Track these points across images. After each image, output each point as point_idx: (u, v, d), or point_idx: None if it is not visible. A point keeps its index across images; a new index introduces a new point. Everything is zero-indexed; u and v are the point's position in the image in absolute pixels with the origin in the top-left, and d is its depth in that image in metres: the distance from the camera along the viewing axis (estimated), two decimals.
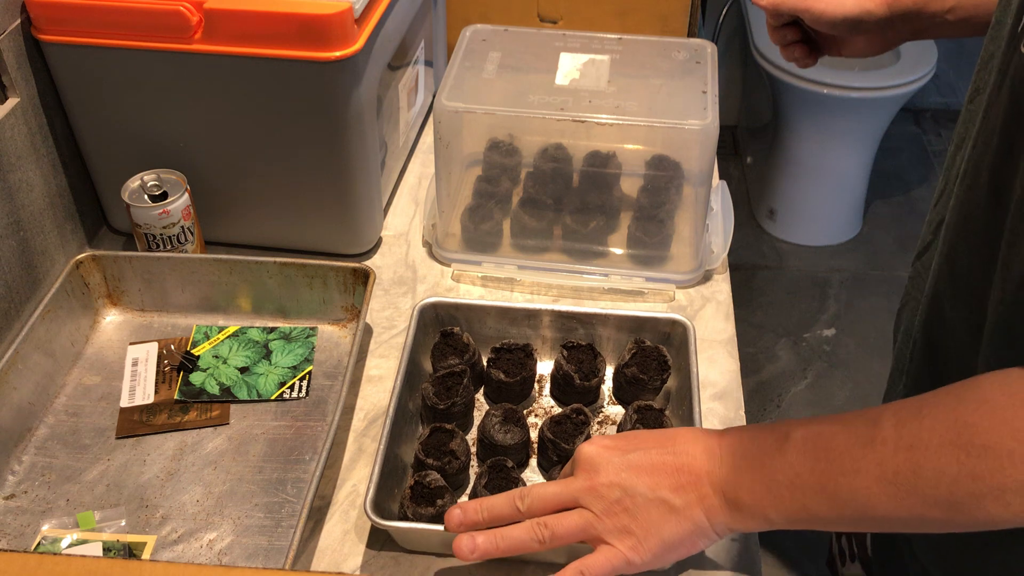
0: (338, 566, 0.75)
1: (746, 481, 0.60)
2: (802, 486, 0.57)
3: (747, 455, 0.60)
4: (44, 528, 0.77)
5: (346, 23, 0.86)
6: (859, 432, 0.56)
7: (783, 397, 2.11)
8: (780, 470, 0.58)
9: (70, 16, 0.88)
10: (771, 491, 0.59)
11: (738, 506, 0.60)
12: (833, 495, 0.56)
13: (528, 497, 0.66)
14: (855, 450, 0.55)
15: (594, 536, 0.64)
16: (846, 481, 0.55)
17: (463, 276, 1.02)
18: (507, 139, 1.05)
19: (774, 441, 0.59)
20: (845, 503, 0.56)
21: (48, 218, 0.96)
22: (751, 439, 0.61)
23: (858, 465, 0.55)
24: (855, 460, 0.55)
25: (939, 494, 0.52)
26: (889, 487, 0.54)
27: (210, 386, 0.89)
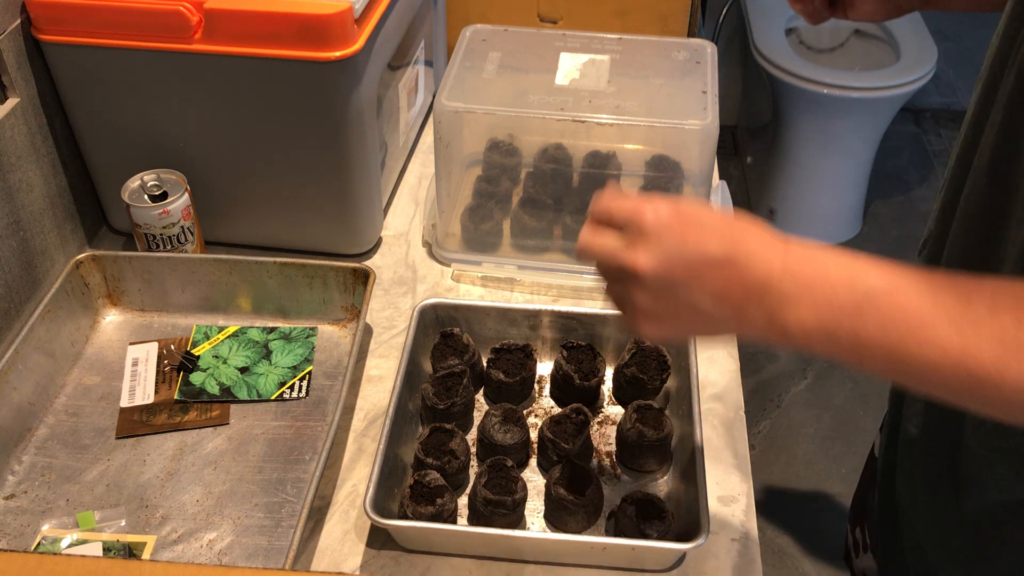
0: (338, 566, 0.75)
1: (805, 317, 0.54)
2: (868, 347, 0.53)
3: (815, 294, 0.54)
4: (44, 528, 0.77)
5: (346, 23, 0.86)
6: (946, 304, 0.51)
7: (783, 397, 2.11)
8: (847, 327, 0.53)
9: (70, 16, 0.88)
10: (830, 339, 0.54)
11: (783, 332, 0.55)
12: (900, 363, 0.52)
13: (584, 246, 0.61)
14: (938, 324, 0.51)
15: (619, 304, 0.61)
16: (921, 353, 0.51)
17: (463, 276, 1.02)
18: (507, 139, 1.05)
19: (851, 298, 0.53)
20: (910, 374, 0.53)
21: (48, 218, 0.96)
22: (824, 279, 0.54)
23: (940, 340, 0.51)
24: (939, 339, 0.51)
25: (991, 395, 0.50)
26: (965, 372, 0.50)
27: (210, 386, 0.89)
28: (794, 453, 1.99)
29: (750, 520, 0.78)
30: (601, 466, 0.82)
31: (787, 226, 2.51)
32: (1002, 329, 0.49)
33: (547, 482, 0.77)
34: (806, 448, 2.00)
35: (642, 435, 0.78)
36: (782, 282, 0.54)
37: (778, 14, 2.35)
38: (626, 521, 0.73)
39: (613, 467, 0.82)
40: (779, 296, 0.54)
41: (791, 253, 0.55)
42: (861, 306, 0.52)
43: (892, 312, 0.52)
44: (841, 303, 0.53)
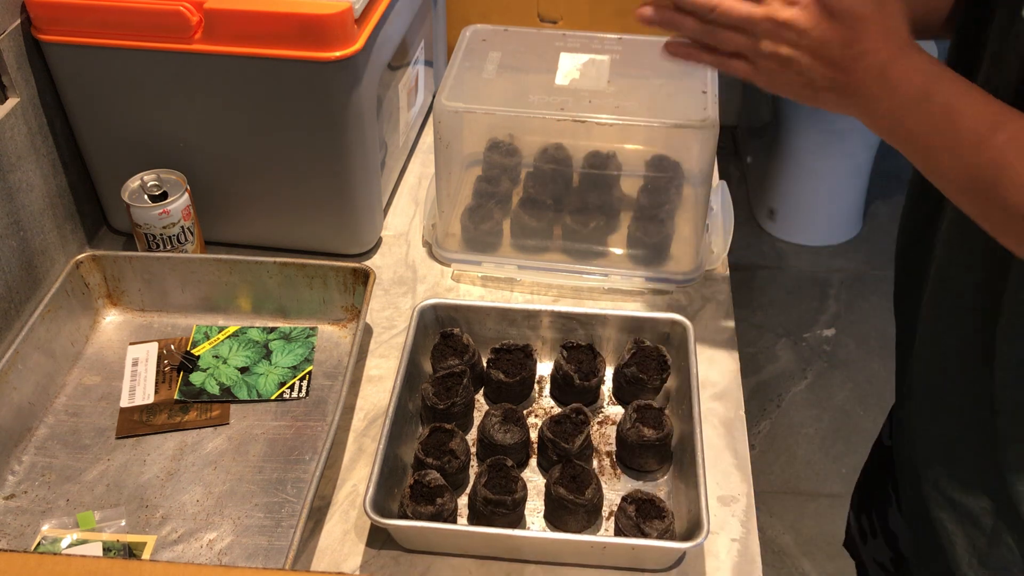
0: (338, 566, 0.75)
1: (914, 66, 0.64)
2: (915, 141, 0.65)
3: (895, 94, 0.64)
4: (44, 528, 0.77)
5: (346, 23, 0.86)
6: (981, 127, 0.61)
7: (783, 397, 2.11)
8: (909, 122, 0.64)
9: (70, 16, 0.88)
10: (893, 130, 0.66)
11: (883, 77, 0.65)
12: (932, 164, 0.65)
13: None
14: (968, 142, 0.61)
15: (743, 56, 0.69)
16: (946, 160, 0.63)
17: (463, 276, 1.02)
18: (507, 139, 1.05)
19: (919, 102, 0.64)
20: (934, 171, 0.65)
21: (48, 218, 0.96)
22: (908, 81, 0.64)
23: (962, 153, 0.62)
24: (962, 149, 0.62)
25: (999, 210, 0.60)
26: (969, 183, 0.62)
27: (210, 386, 0.89)
28: (794, 453, 1.99)
29: (750, 520, 0.78)
30: (601, 466, 0.82)
31: (787, 226, 2.51)
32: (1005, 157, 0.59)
33: (547, 482, 0.77)
34: (806, 448, 2.00)
35: (642, 435, 0.78)
36: (873, 86, 0.65)
37: None
38: (626, 521, 0.73)
39: (613, 467, 0.82)
40: (869, 94, 0.65)
41: (893, 58, 0.64)
42: (923, 115, 0.63)
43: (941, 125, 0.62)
44: (909, 108, 0.64)
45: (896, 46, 0.65)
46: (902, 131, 0.65)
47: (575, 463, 0.77)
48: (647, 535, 0.72)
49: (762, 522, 1.74)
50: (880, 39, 0.65)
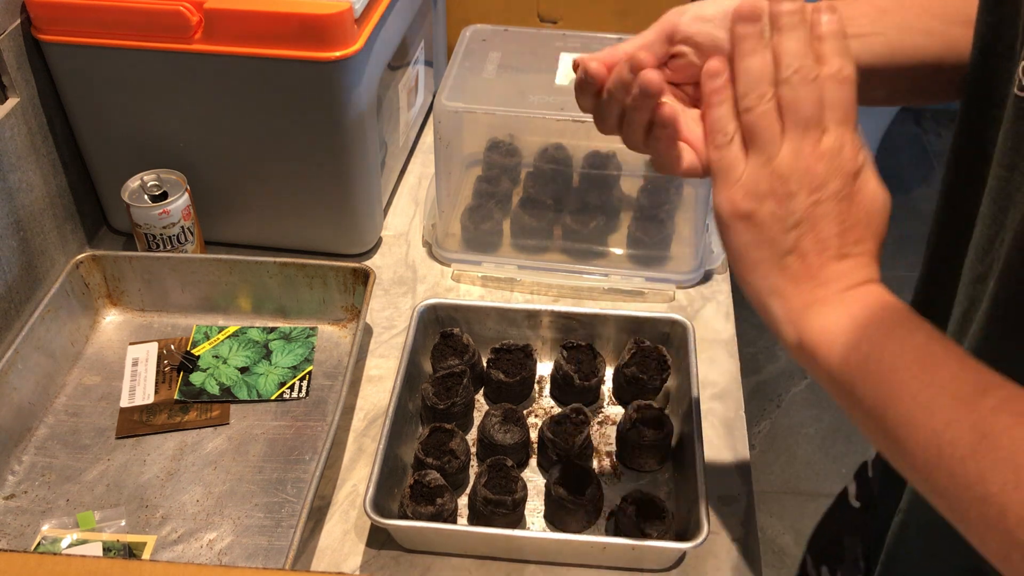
0: (338, 566, 0.75)
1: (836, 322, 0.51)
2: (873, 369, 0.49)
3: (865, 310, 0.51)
4: (44, 528, 0.77)
5: (346, 23, 0.86)
6: (963, 386, 0.47)
7: (783, 397, 2.11)
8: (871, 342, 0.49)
9: (70, 16, 0.88)
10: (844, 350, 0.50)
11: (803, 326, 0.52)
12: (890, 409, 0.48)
13: None
14: (944, 400, 0.46)
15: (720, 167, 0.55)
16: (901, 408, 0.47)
17: (463, 276, 1.02)
18: (507, 139, 1.05)
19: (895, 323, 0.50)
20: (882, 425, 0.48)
21: (48, 218, 0.96)
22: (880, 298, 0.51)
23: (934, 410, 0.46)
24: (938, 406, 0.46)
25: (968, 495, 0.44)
26: (941, 447, 0.45)
27: (210, 386, 0.89)
28: (794, 453, 1.99)
29: (750, 520, 0.78)
30: (601, 466, 0.82)
31: None
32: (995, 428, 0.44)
33: (547, 482, 0.77)
34: (806, 448, 2.00)
35: (642, 435, 0.78)
36: (845, 293, 0.51)
37: None
38: (626, 521, 0.73)
39: (613, 467, 0.82)
40: (823, 294, 0.51)
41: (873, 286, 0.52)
42: (896, 336, 0.49)
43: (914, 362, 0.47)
44: (878, 325, 0.49)
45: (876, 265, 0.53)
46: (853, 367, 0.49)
47: (575, 463, 0.77)
48: (647, 535, 0.72)
49: (762, 522, 1.74)
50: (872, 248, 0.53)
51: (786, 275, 0.53)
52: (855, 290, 0.51)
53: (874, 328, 0.49)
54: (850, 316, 0.50)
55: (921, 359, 0.47)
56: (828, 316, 0.51)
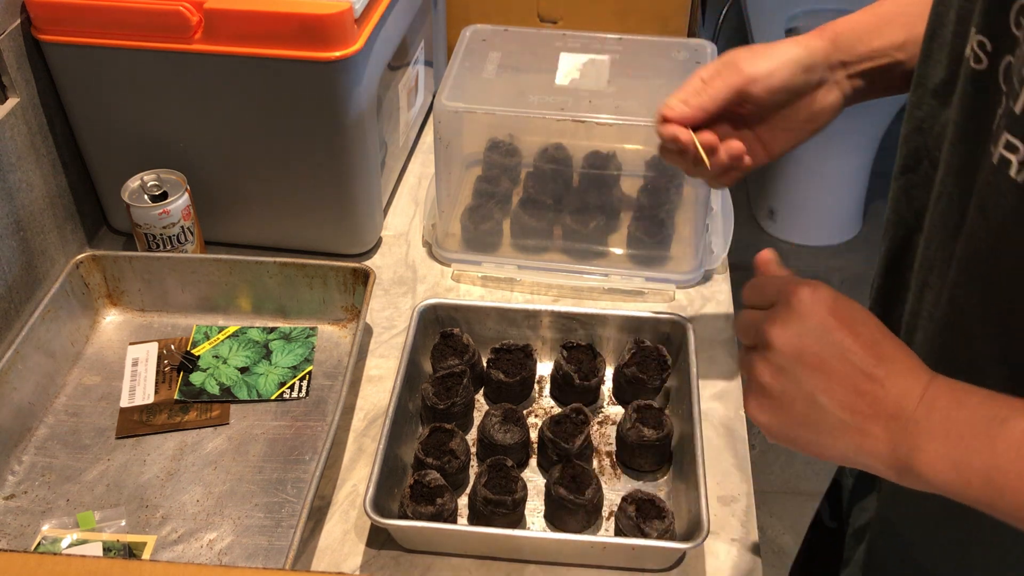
0: (338, 566, 0.75)
1: (935, 449, 0.49)
2: (1000, 482, 0.47)
3: (949, 425, 0.49)
4: (44, 528, 0.77)
5: (346, 23, 0.86)
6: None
7: None
8: (981, 459, 0.48)
9: (70, 16, 0.88)
10: (959, 474, 0.48)
11: (907, 468, 0.50)
12: None
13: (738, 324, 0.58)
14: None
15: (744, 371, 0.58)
16: None
17: (463, 276, 1.02)
18: (507, 139, 1.05)
19: (987, 429, 0.48)
20: None
21: (48, 218, 0.96)
22: (960, 408, 0.50)
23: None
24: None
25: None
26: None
27: (210, 386, 0.89)
28: (794, 453, 1.99)
29: (750, 520, 0.78)
30: (601, 466, 0.82)
31: (787, 226, 2.51)
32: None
33: (547, 482, 0.77)
34: None
35: (642, 435, 0.78)
36: (917, 410, 0.50)
37: (778, 14, 2.35)
38: (626, 521, 0.73)
39: (613, 467, 0.82)
40: (911, 423, 0.50)
41: (934, 383, 0.51)
42: (996, 437, 0.47)
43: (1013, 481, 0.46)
44: (975, 434, 0.48)
45: (926, 371, 0.52)
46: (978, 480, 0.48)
47: (575, 463, 0.77)
48: (647, 535, 0.72)
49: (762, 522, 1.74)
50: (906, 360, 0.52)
51: (851, 434, 0.52)
52: (925, 405, 0.50)
53: (973, 440, 0.48)
54: (945, 438, 0.49)
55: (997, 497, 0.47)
56: (926, 452, 0.49)
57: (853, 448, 0.52)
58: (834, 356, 0.52)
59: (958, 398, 0.50)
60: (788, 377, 0.53)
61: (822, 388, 0.52)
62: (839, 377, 0.52)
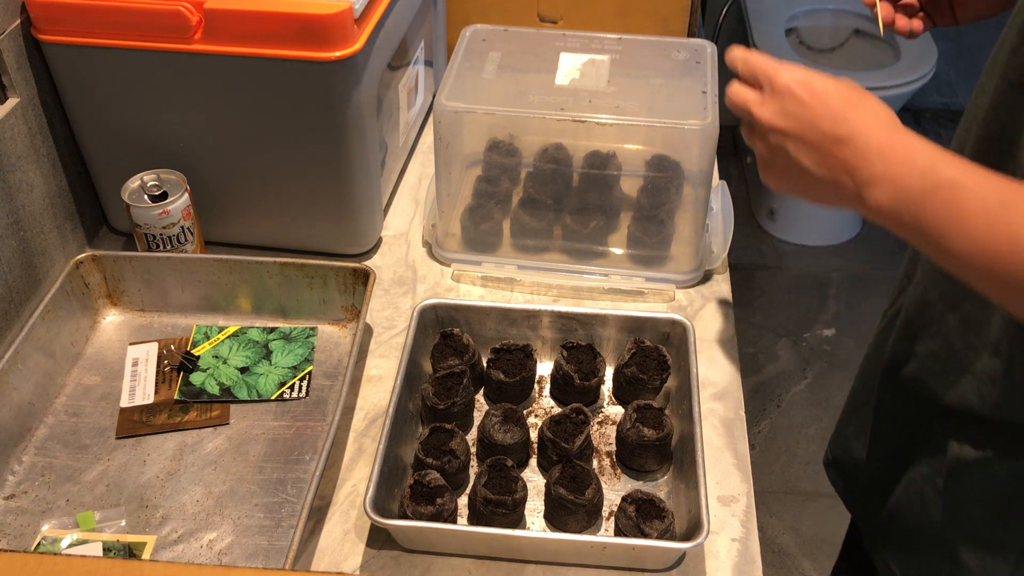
0: (338, 566, 0.75)
1: (881, 197, 0.62)
2: (922, 232, 0.61)
3: (896, 178, 0.62)
4: (44, 528, 0.77)
5: (346, 23, 0.86)
6: (991, 204, 0.58)
7: (783, 397, 2.11)
8: (911, 212, 0.61)
9: (70, 16, 0.88)
10: (897, 220, 0.62)
11: (865, 207, 0.64)
12: (943, 251, 0.60)
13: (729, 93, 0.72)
14: (978, 219, 0.58)
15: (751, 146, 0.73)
16: (959, 245, 0.59)
17: (463, 276, 1.02)
18: (507, 139, 1.05)
19: (921, 186, 0.61)
20: (949, 261, 0.61)
21: (48, 218, 0.96)
22: (908, 164, 0.62)
23: (974, 234, 0.58)
24: (974, 235, 0.58)
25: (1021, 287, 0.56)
26: (985, 263, 0.58)
27: (210, 386, 0.89)
28: (794, 453, 1.99)
29: (750, 520, 0.78)
30: (601, 466, 0.82)
31: (787, 226, 2.52)
32: (1020, 229, 0.56)
33: (547, 482, 0.77)
34: (806, 448, 2.00)
35: (642, 435, 0.78)
36: (874, 163, 0.63)
37: (778, 14, 2.35)
38: (626, 521, 0.73)
39: (613, 467, 0.82)
40: (868, 174, 0.63)
41: (891, 138, 0.63)
42: (928, 194, 0.60)
43: (948, 203, 0.59)
44: (914, 189, 0.60)
45: (887, 128, 0.64)
46: (909, 218, 0.61)
47: (575, 463, 0.77)
48: (647, 535, 0.72)
49: (762, 522, 1.75)
50: (870, 120, 0.65)
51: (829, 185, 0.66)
52: (881, 160, 0.63)
53: (911, 193, 0.61)
54: (892, 188, 0.62)
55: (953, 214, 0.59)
56: (877, 194, 0.62)
57: (833, 195, 0.66)
58: (809, 127, 0.66)
59: (908, 157, 0.62)
60: (778, 148, 0.68)
61: (804, 153, 0.66)
62: (814, 144, 0.65)
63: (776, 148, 0.68)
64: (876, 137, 0.63)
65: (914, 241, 0.62)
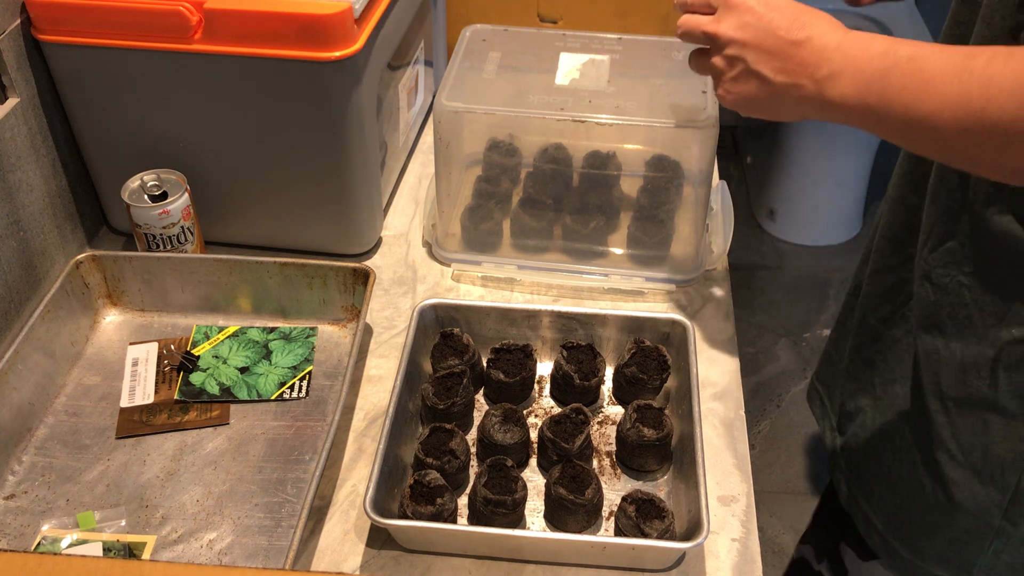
0: (338, 566, 0.75)
1: (846, 88, 0.65)
2: (890, 105, 0.63)
3: (857, 64, 0.65)
4: (44, 528, 0.77)
5: (346, 23, 0.86)
6: (954, 62, 0.60)
7: (783, 397, 2.11)
8: (877, 90, 0.64)
9: (70, 16, 0.88)
10: (863, 104, 0.65)
11: (828, 103, 0.67)
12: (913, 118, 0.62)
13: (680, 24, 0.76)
14: (945, 78, 0.60)
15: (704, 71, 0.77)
16: (930, 104, 0.61)
17: (463, 276, 1.02)
18: (507, 139, 1.05)
19: (882, 65, 0.64)
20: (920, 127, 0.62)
21: (48, 218, 0.96)
22: (865, 52, 0.65)
23: (943, 90, 0.60)
24: (944, 88, 0.60)
25: (997, 130, 0.58)
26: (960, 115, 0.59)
27: (210, 386, 0.89)
28: (794, 453, 1.99)
29: (750, 520, 0.78)
30: (601, 466, 0.82)
31: (787, 226, 2.51)
32: (990, 75, 0.58)
33: (547, 482, 0.77)
34: (806, 448, 2.00)
35: (642, 435, 0.78)
36: (832, 59, 0.66)
37: None
38: (626, 521, 0.73)
39: (613, 467, 0.82)
40: (828, 70, 0.66)
41: (846, 36, 0.66)
42: (889, 71, 0.63)
43: (911, 73, 0.62)
44: (875, 70, 0.63)
45: (841, 28, 0.68)
46: (874, 99, 0.64)
47: (575, 463, 0.77)
48: (647, 535, 0.72)
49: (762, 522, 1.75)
50: (824, 23, 0.68)
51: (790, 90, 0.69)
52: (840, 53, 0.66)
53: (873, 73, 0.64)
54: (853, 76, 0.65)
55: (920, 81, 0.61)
56: (839, 85, 0.66)
57: (793, 101, 0.69)
58: (766, 35, 0.69)
59: (864, 46, 0.65)
60: (737, 61, 0.71)
61: (763, 62, 0.69)
62: (773, 50, 0.69)
63: (735, 59, 0.71)
64: (832, 35, 0.67)
65: (883, 127, 0.64)
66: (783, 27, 0.68)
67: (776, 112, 0.72)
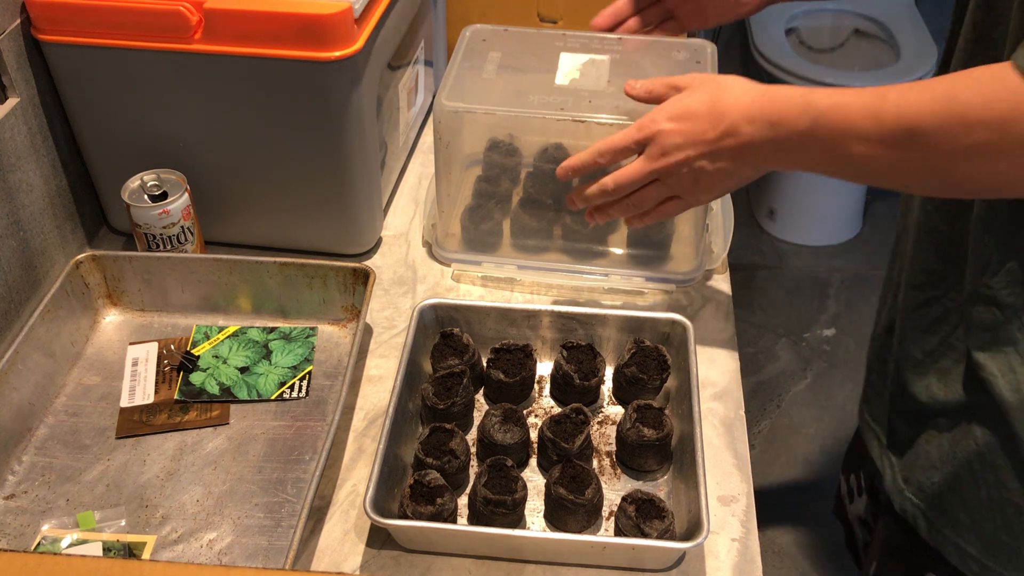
0: (338, 566, 0.75)
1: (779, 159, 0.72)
2: (815, 156, 0.70)
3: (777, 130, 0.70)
4: (44, 528, 0.77)
5: (346, 23, 0.86)
6: (868, 103, 0.65)
7: (783, 397, 2.11)
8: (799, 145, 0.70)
9: (70, 16, 0.88)
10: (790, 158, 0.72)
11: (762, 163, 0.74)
12: (840, 161, 0.68)
13: (615, 180, 0.80)
14: (864, 120, 0.65)
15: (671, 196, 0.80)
16: (854, 147, 0.66)
17: (463, 276, 1.02)
18: (507, 139, 1.05)
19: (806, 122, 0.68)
20: (849, 166, 0.68)
21: (48, 218, 0.96)
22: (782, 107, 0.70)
23: (864, 132, 0.65)
24: (862, 128, 0.65)
25: (923, 154, 0.63)
26: (886, 148, 0.64)
27: (210, 386, 0.89)
28: (794, 453, 1.99)
29: (750, 520, 0.78)
30: (601, 466, 0.82)
31: (787, 226, 2.52)
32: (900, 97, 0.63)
33: (547, 482, 0.77)
34: (806, 448, 2.00)
35: (642, 435, 0.78)
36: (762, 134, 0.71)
37: (778, 14, 2.35)
38: (626, 521, 0.73)
39: (613, 467, 0.82)
40: (762, 154, 0.72)
41: (760, 100, 0.71)
42: (815, 128, 0.68)
43: (834, 127, 0.66)
44: (802, 131, 0.68)
45: (749, 98, 0.72)
46: (810, 156, 0.70)
47: (575, 463, 0.77)
48: (647, 535, 0.72)
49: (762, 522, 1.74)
50: (733, 105, 0.72)
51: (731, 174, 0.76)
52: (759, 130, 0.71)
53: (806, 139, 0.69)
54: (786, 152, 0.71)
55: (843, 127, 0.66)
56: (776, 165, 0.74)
57: (735, 181, 0.76)
58: (695, 144, 0.74)
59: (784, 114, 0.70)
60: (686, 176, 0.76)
61: (706, 163, 0.74)
62: (709, 153, 0.74)
63: (684, 176, 0.76)
64: (747, 110, 0.71)
65: (830, 168, 0.70)
66: (707, 128, 0.73)
67: (719, 192, 0.77)
